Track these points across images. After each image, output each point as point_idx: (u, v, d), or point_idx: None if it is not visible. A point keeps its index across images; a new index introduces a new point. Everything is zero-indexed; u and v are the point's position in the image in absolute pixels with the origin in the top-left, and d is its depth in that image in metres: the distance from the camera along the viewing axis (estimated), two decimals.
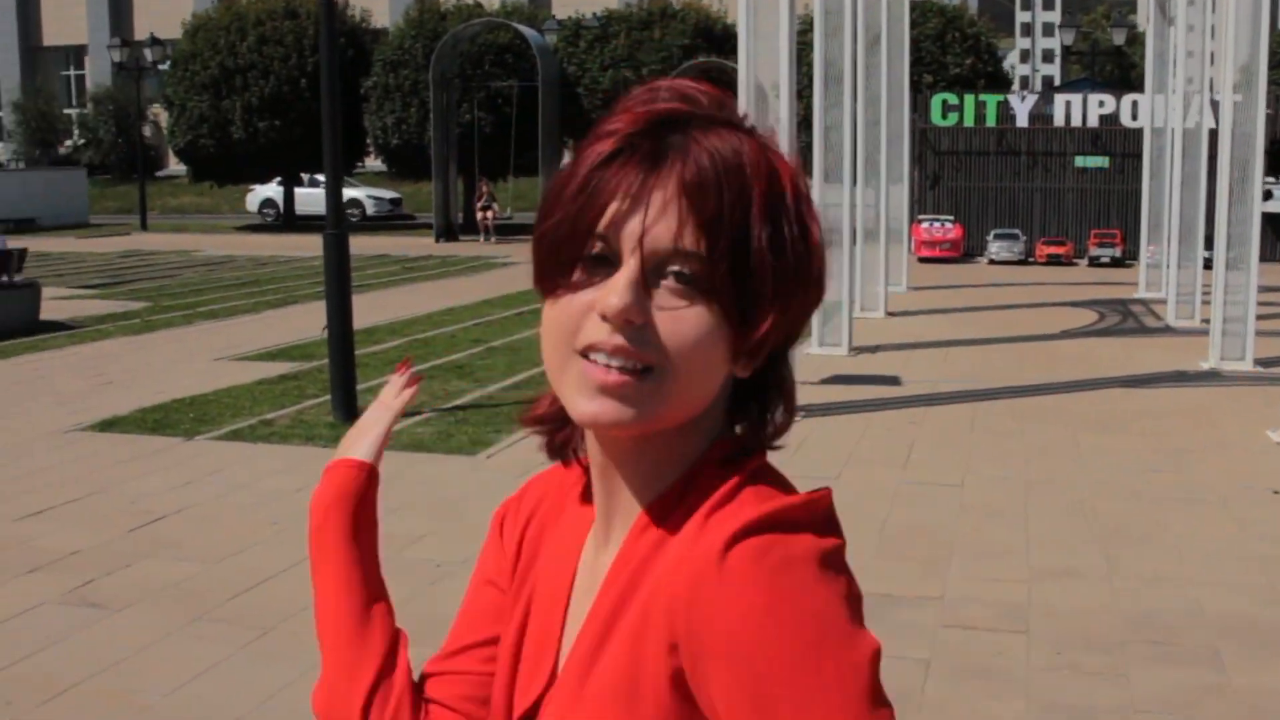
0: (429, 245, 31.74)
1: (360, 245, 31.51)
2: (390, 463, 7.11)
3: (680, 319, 1.10)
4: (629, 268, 1.09)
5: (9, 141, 56.39)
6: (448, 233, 33.00)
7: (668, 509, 1.18)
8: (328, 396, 11.01)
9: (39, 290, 17.17)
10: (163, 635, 5.71)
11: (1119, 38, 34.10)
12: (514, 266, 26.26)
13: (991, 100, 29.29)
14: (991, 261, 27.30)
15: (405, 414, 6.74)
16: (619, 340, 1.09)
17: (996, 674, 5.34)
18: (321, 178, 40.67)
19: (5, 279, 16.55)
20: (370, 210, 41.19)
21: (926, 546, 7.13)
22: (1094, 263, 27.08)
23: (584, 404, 1.12)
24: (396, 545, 7.05)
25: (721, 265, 1.09)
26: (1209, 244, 14.91)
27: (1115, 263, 26.84)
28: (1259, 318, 13.75)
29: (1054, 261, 27.14)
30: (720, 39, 35.43)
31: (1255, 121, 13.46)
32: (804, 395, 9.66)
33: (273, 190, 40.69)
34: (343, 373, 10.41)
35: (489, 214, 33.18)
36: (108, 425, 10.27)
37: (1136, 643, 5.70)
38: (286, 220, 39.06)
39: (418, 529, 7.37)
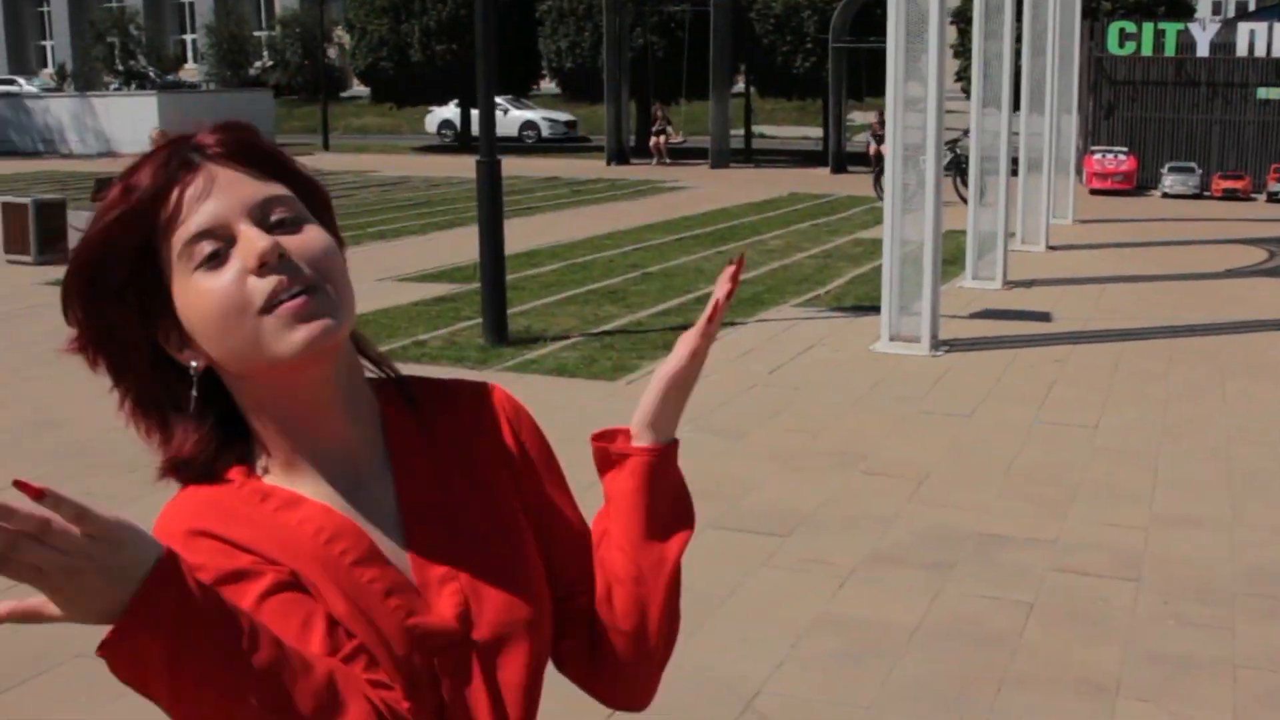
0: (600, 168, 31.90)
1: (533, 167, 31.93)
2: (531, 386, 7.34)
3: (305, 239, 1.28)
4: (247, 228, 1.26)
5: (202, 63, 57.99)
6: (619, 156, 33.07)
7: (406, 411, 1.43)
8: (477, 321, 11.24)
9: None
10: None
11: None
12: (681, 190, 26.29)
13: (1171, 29, 28.19)
14: (1165, 195, 26.40)
15: (555, 339, 6.78)
16: (284, 275, 1.24)
17: (1099, 621, 5.28)
18: (501, 99, 41.15)
19: None
20: (545, 132, 41.54)
21: (1050, 488, 7.04)
22: (1273, 199, 25.97)
23: (294, 338, 1.25)
24: None
25: (296, 191, 1.32)
26: None
27: None
28: None
29: (1230, 196, 26.12)
30: None
31: None
32: (949, 329, 9.64)
33: (450, 112, 41.23)
34: (494, 296, 10.59)
35: (663, 138, 33.16)
36: None
37: (1248, 596, 5.57)
38: (463, 141, 39.55)
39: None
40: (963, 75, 33.61)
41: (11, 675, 4.65)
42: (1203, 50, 27.82)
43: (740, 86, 38.23)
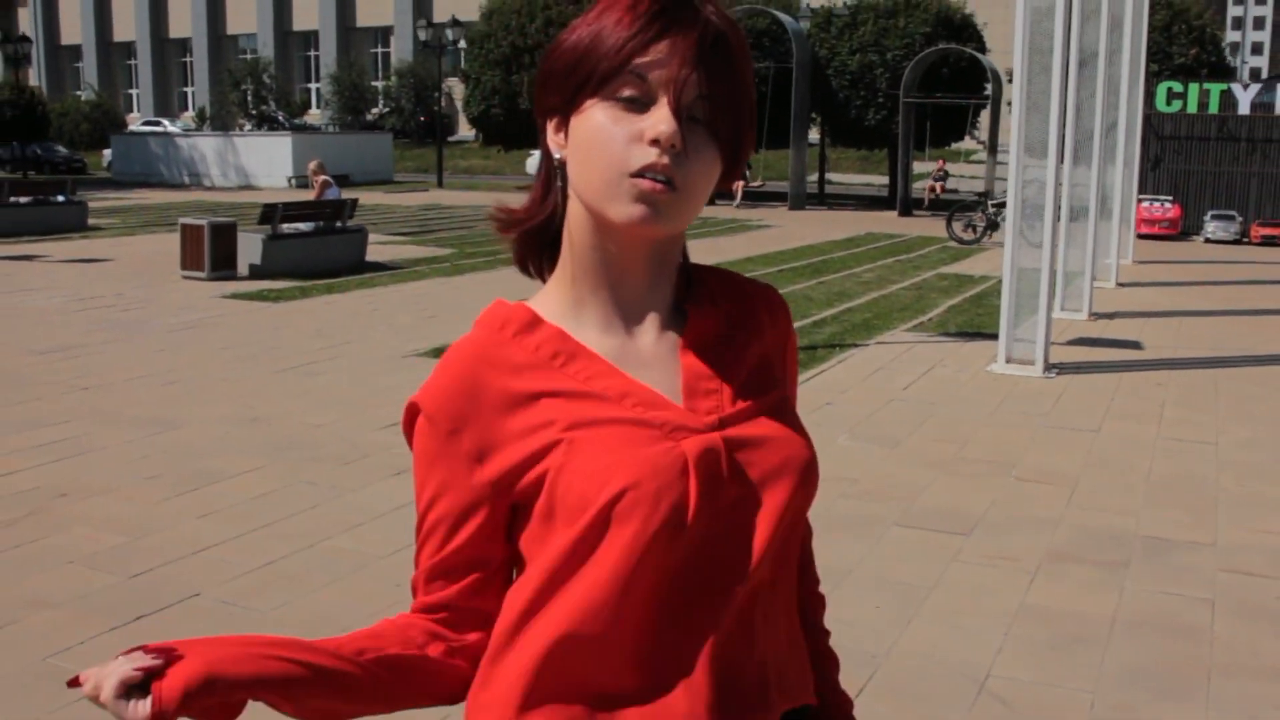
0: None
1: None
2: None
3: (700, 148, 1.27)
4: (665, 105, 1.24)
5: (326, 109, 58.61)
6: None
7: (706, 290, 1.43)
8: None
9: (366, 235, 17.84)
10: None
11: None
12: (768, 229, 26.17)
13: (1215, 89, 27.86)
14: (1207, 240, 26.04)
15: None
16: (665, 160, 1.24)
17: (1277, 618, 5.11)
18: None
19: (340, 224, 17.26)
20: None
21: (1193, 497, 6.86)
22: None
23: (631, 211, 1.26)
24: None
25: (726, 114, 1.28)
26: None
27: None
28: None
29: (1269, 242, 25.68)
30: (959, 28, 34.47)
31: None
32: (1055, 354, 9.42)
33: None
34: None
35: (742, 183, 33.10)
36: (437, 352, 10.58)
37: None
38: None
39: None
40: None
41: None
42: (1244, 109, 27.48)
43: (814, 136, 38.11)
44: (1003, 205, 24.46)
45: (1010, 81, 35.30)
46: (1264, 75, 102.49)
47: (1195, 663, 4.61)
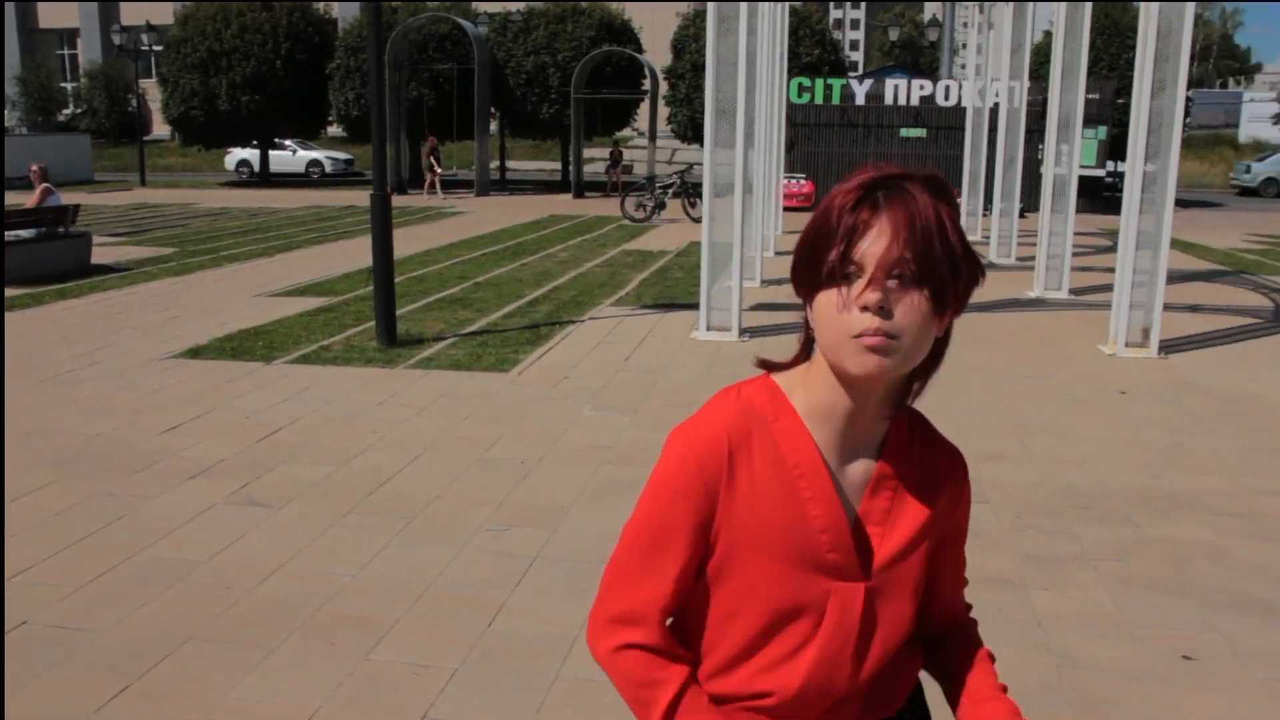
0: None
1: (327, 198, 31.02)
2: (440, 379, 7.29)
3: (907, 303, 1.40)
4: (875, 275, 1.39)
5: (13, 110, 53.88)
6: (399, 187, 32.43)
7: (910, 434, 1.59)
8: (362, 326, 10.98)
9: (90, 239, 16.63)
10: (328, 526, 5.71)
11: (933, 34, 34.59)
12: (462, 215, 25.97)
13: (836, 83, 29.59)
14: None
15: (434, 339, 6.71)
16: (877, 323, 1.39)
17: (978, 535, 5.62)
18: (288, 142, 39.46)
19: (63, 230, 16.02)
20: (329, 168, 40.41)
21: None
22: None
23: (860, 361, 1.42)
24: (479, 447, 7.14)
25: (926, 268, 1.39)
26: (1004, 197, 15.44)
27: None
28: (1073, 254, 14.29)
29: None
30: (620, 32, 35.09)
31: (1069, 102, 13.86)
32: (744, 319, 9.82)
33: (247, 152, 39.62)
34: (386, 304, 10.33)
35: (436, 172, 32.66)
36: (194, 353, 10.07)
37: (1071, 509, 6.04)
38: (263, 178, 38.06)
39: (490, 433, 7.44)
40: (673, 119, 34.29)
41: (138, 661, 4.37)
42: (860, 100, 29.28)
43: (494, 128, 38.00)
44: (668, 187, 25.20)
45: (665, 78, 36.21)
46: (860, 68, 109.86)
47: None
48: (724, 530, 1.53)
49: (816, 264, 1.43)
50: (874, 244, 1.39)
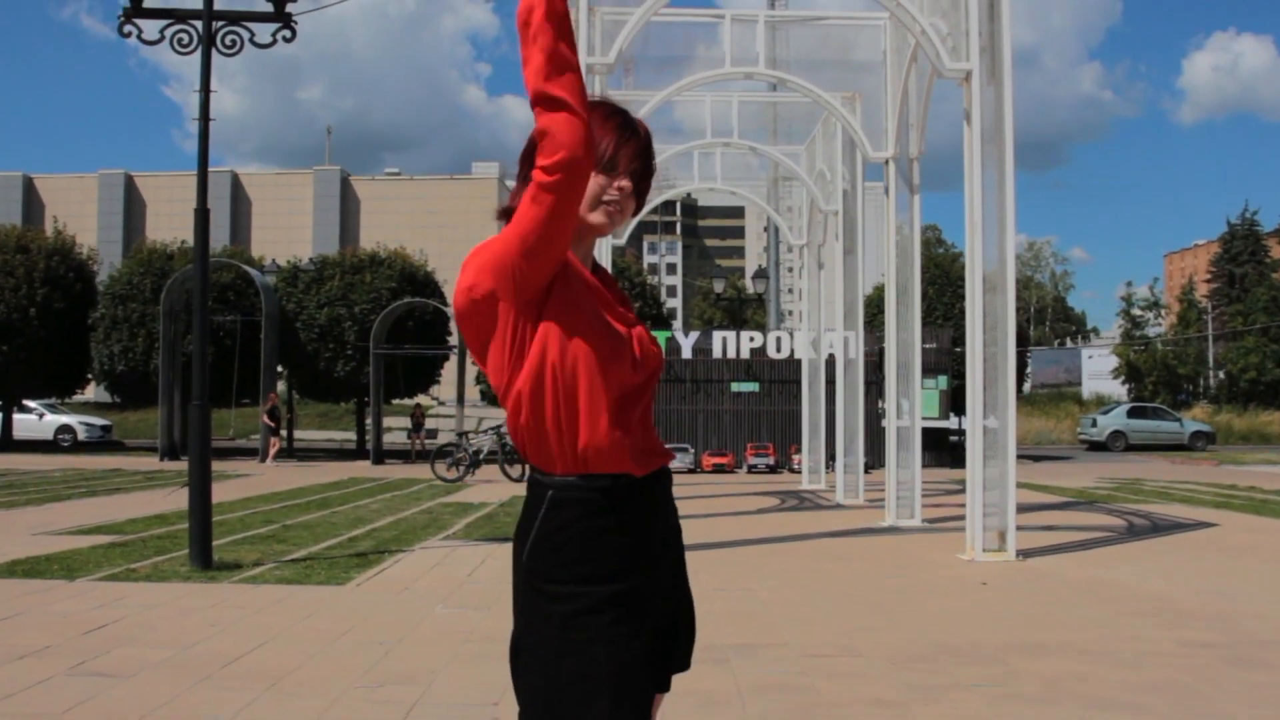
0: (155, 463, 31.15)
1: (89, 463, 30.78)
2: (272, 591, 8.04)
3: (630, 198, 2.56)
4: (627, 176, 2.54)
5: None
6: (171, 452, 32.46)
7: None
8: (169, 555, 11.33)
9: None
10: (186, 689, 6.13)
11: (759, 286, 37.48)
12: (250, 477, 26.23)
13: (662, 335, 31.57)
14: None
15: (254, 564, 7.83)
16: (616, 199, 2.53)
17: (854, 675, 6.47)
18: (36, 404, 38.96)
19: None
20: (82, 435, 39.99)
21: (757, 621, 8.25)
22: (751, 470, 29.25)
23: (594, 217, 2.51)
24: (331, 636, 7.67)
25: (645, 172, 2.58)
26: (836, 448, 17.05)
27: (770, 469, 29.10)
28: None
29: (719, 470, 29.17)
30: (422, 283, 36.75)
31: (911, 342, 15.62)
32: None
33: None
34: (202, 526, 10.74)
35: (281, 435, 32.49)
36: None
37: (944, 656, 7.00)
38: (4, 443, 37.43)
39: (340, 627, 7.97)
40: (482, 380, 35.61)
41: None
42: (686, 353, 31.27)
43: (283, 389, 38.59)
44: (480, 450, 26.17)
45: None
46: (679, 314, 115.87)
47: (814, 704, 5.85)
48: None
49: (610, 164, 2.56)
50: (630, 152, 2.54)
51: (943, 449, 31.06)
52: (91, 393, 42.79)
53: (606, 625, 2.36)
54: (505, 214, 2.48)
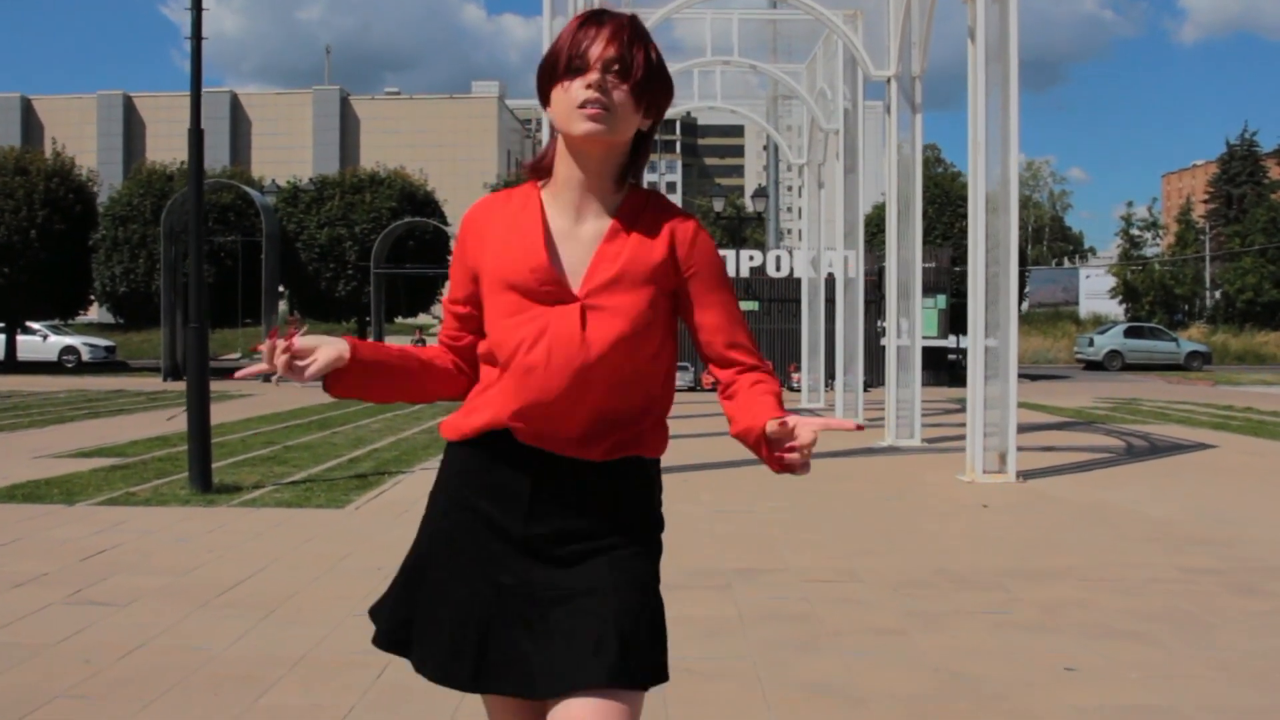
0: (158, 384, 31.08)
1: (93, 384, 30.70)
2: (271, 514, 7.89)
3: (621, 89, 2.18)
4: (599, 70, 2.17)
5: None
6: (174, 373, 32.35)
7: (645, 204, 2.29)
8: (169, 478, 11.23)
9: None
10: (183, 616, 6.06)
11: (759, 205, 37.15)
12: (252, 397, 26.16)
13: None
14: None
15: (254, 487, 7.52)
16: (596, 97, 2.16)
17: (855, 600, 6.38)
18: (40, 325, 38.88)
19: None
20: (86, 356, 39.87)
21: (756, 544, 8.16)
22: None
23: (578, 125, 2.17)
24: (330, 560, 7.59)
25: (631, 71, 2.19)
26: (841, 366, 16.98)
27: None
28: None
29: (715, 387, 29.02)
30: (422, 203, 36.43)
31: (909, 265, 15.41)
32: None
33: None
34: (201, 448, 10.64)
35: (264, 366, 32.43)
36: None
37: (945, 582, 6.91)
38: (7, 365, 37.33)
39: (339, 550, 7.88)
40: None
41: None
42: None
43: (284, 309, 38.43)
44: None
45: None
46: None
47: (816, 634, 5.75)
48: (481, 276, 2.31)
49: (553, 71, 2.21)
50: (595, 46, 2.18)
51: (940, 368, 30.96)
52: (94, 314, 42.54)
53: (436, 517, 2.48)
54: (535, 169, 2.33)
